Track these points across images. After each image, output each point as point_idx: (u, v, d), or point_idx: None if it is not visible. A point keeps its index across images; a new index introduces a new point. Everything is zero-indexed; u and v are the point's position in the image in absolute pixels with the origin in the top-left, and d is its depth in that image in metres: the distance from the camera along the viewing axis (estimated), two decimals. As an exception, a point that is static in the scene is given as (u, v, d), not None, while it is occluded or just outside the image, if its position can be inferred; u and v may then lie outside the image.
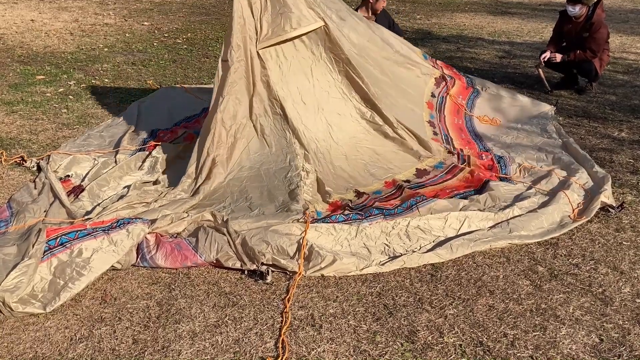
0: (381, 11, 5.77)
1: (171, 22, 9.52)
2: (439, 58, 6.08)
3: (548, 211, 3.34)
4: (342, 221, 3.17)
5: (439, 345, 2.41)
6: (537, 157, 4.12)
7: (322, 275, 2.86)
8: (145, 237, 2.98)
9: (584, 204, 3.49)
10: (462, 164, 3.97)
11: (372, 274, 2.88)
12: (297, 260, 2.88)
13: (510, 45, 8.11)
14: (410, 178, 3.84)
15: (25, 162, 4.06)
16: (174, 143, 4.25)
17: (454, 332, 2.49)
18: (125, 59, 7.15)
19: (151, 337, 2.47)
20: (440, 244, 3.07)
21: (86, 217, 3.21)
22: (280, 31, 3.79)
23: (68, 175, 3.81)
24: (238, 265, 2.90)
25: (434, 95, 4.77)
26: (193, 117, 4.79)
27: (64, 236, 2.88)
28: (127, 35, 8.46)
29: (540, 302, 2.69)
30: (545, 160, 4.06)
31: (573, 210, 3.40)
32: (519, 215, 3.31)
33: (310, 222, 3.09)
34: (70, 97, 5.62)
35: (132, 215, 3.18)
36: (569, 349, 2.40)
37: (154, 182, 3.72)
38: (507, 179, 3.77)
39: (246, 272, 2.88)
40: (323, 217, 3.27)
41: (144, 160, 3.96)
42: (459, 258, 3.01)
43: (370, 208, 3.33)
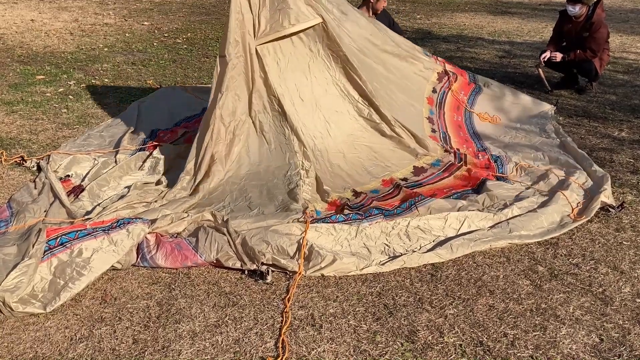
0: (381, 11, 5.78)
1: (171, 22, 9.52)
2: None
3: (548, 211, 3.34)
4: (342, 221, 3.16)
5: (439, 345, 2.41)
6: (534, 156, 4.11)
7: (322, 275, 2.86)
8: (146, 237, 2.98)
9: (584, 203, 3.49)
10: (459, 162, 3.97)
11: (372, 273, 2.88)
12: (297, 260, 2.88)
13: (510, 45, 8.11)
14: (408, 176, 3.84)
15: (25, 162, 4.06)
16: (174, 144, 4.25)
17: (454, 332, 2.49)
18: (125, 59, 7.15)
19: (151, 337, 2.47)
20: (441, 243, 3.07)
21: (86, 217, 3.21)
22: (279, 27, 3.78)
23: (68, 175, 3.82)
24: (238, 265, 2.90)
25: (435, 90, 4.76)
26: (193, 117, 4.80)
27: (64, 236, 2.88)
28: (127, 35, 8.46)
29: (540, 301, 2.69)
30: (542, 160, 4.05)
31: (572, 210, 3.40)
32: (519, 215, 3.31)
33: (310, 222, 3.09)
34: (70, 97, 5.62)
35: (132, 215, 3.18)
36: (569, 348, 2.40)
37: (156, 182, 3.72)
38: (504, 179, 3.77)
39: (246, 272, 2.88)
40: (323, 217, 3.26)
41: (144, 161, 3.96)
42: (459, 258, 3.01)
43: (370, 208, 3.33)
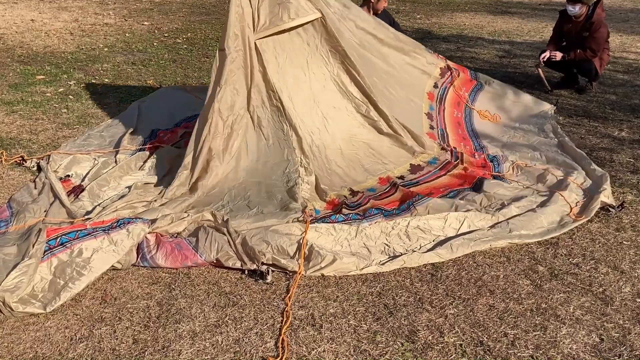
0: (382, 11, 5.77)
1: (171, 22, 9.52)
2: (439, 58, 6.07)
3: (547, 211, 3.34)
4: (342, 221, 3.16)
5: (440, 345, 2.41)
6: (531, 156, 4.11)
7: (323, 275, 2.86)
8: (146, 237, 2.98)
9: (583, 203, 3.49)
10: (455, 161, 3.97)
11: (372, 273, 2.88)
12: (297, 260, 2.88)
13: (510, 44, 8.10)
14: (405, 174, 3.84)
15: (26, 162, 4.06)
16: (175, 147, 4.24)
17: (454, 332, 2.49)
18: (125, 58, 7.15)
19: (151, 337, 2.47)
20: (441, 243, 3.07)
21: (86, 217, 3.21)
22: (278, 21, 3.77)
23: (68, 175, 3.81)
24: (238, 265, 2.90)
25: (436, 85, 4.75)
26: (194, 117, 4.77)
27: (64, 236, 2.88)
28: (127, 35, 8.46)
29: (540, 301, 2.69)
30: (539, 159, 4.05)
31: (571, 209, 3.40)
32: (519, 215, 3.31)
33: (309, 222, 3.09)
34: (70, 97, 5.62)
35: (132, 215, 3.18)
36: (570, 348, 2.40)
37: (156, 183, 3.71)
38: (500, 178, 3.77)
39: (246, 271, 2.88)
40: (322, 217, 3.26)
41: (145, 161, 3.95)
42: (459, 258, 3.01)
43: (369, 208, 3.33)
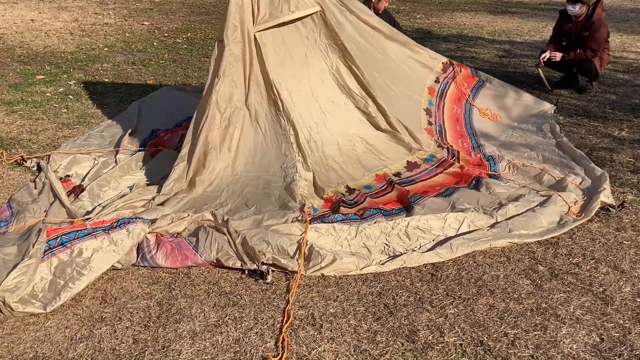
0: (383, 11, 5.77)
1: (171, 22, 9.52)
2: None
3: (546, 212, 3.33)
4: (341, 220, 3.17)
5: (440, 345, 2.41)
6: (528, 155, 4.12)
7: (323, 275, 2.86)
8: (146, 237, 2.98)
9: (583, 202, 3.48)
10: (452, 159, 3.97)
11: (372, 273, 2.88)
12: (297, 260, 2.88)
13: (510, 44, 8.10)
14: (401, 170, 3.84)
15: (26, 162, 4.06)
16: (175, 150, 4.23)
17: (454, 332, 2.49)
18: (125, 58, 7.15)
19: (151, 336, 2.47)
20: (440, 243, 3.07)
21: (86, 217, 3.21)
22: (278, 14, 3.76)
23: (68, 175, 3.81)
24: (238, 264, 2.90)
25: (438, 80, 4.75)
26: (194, 118, 4.79)
27: (64, 236, 2.88)
28: (127, 35, 8.46)
29: (540, 301, 2.69)
30: (536, 159, 4.05)
31: (569, 208, 3.40)
32: (518, 215, 3.31)
33: (309, 222, 3.09)
34: (70, 97, 5.62)
35: (132, 215, 3.18)
36: (570, 348, 2.40)
37: (157, 183, 3.71)
38: (496, 177, 3.77)
39: (246, 271, 2.88)
40: (320, 215, 3.27)
41: (145, 163, 3.95)
42: (459, 257, 3.01)
43: (368, 209, 3.33)
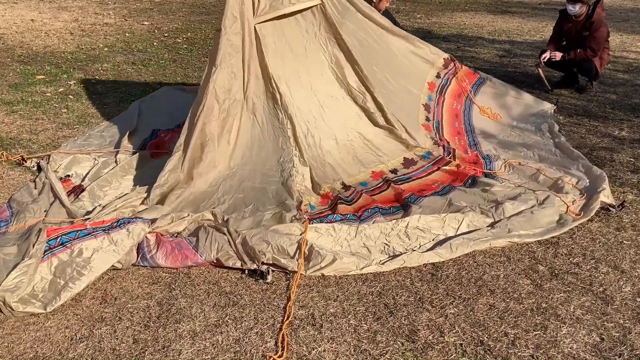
0: (384, 11, 5.78)
1: (171, 22, 9.52)
2: (439, 57, 6.07)
3: (545, 211, 3.34)
4: (339, 220, 3.17)
5: (440, 345, 2.41)
6: (524, 154, 4.12)
7: (323, 275, 2.86)
8: (146, 237, 2.98)
9: (580, 201, 3.48)
10: (448, 156, 3.97)
11: (372, 273, 2.88)
12: (297, 260, 2.88)
13: (510, 44, 8.10)
14: (398, 167, 3.84)
15: (26, 162, 4.06)
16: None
17: (454, 332, 2.49)
18: (125, 58, 7.15)
19: (152, 336, 2.47)
20: (440, 243, 3.07)
21: (86, 217, 3.21)
22: (279, 5, 3.75)
23: (68, 175, 3.81)
24: (238, 264, 2.90)
25: (439, 75, 4.75)
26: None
27: (64, 236, 2.88)
28: (127, 35, 8.46)
29: (540, 301, 2.69)
30: (532, 158, 4.06)
31: (568, 208, 3.40)
32: (517, 215, 3.31)
33: (308, 222, 3.09)
34: (70, 96, 5.62)
35: (132, 214, 3.18)
36: (570, 348, 2.40)
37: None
38: (492, 175, 3.78)
39: (246, 271, 2.88)
40: (318, 213, 3.28)
41: (146, 163, 3.95)
42: (459, 257, 3.01)
43: (366, 210, 3.33)
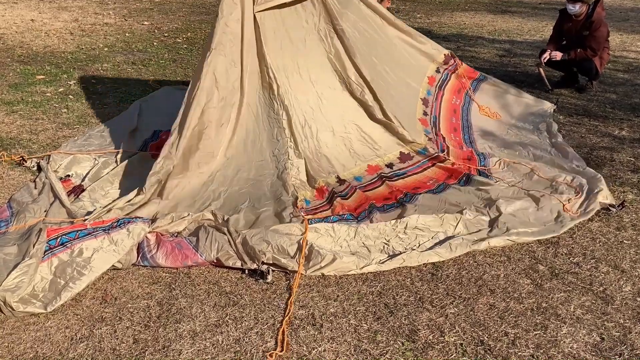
0: None
1: (171, 22, 9.52)
2: (439, 57, 6.06)
3: (542, 210, 3.35)
4: (337, 221, 3.17)
5: (440, 345, 2.41)
6: (519, 153, 4.13)
7: (323, 275, 2.86)
8: (146, 237, 2.98)
9: (576, 199, 3.48)
10: (442, 152, 3.97)
11: (372, 273, 2.88)
12: (297, 260, 2.88)
13: (510, 44, 8.10)
14: (394, 161, 3.85)
15: (26, 162, 4.05)
16: None
17: (454, 331, 2.49)
18: (125, 58, 7.15)
19: (152, 336, 2.47)
20: (440, 243, 3.07)
21: (86, 218, 3.21)
22: None
23: (68, 175, 3.81)
24: (238, 264, 2.90)
25: (439, 70, 4.75)
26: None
27: (64, 236, 2.88)
28: (127, 34, 8.46)
29: (541, 301, 2.69)
30: (527, 157, 4.06)
31: (564, 206, 3.40)
32: (514, 214, 3.31)
33: (308, 223, 3.09)
34: (70, 96, 5.62)
35: (132, 210, 3.18)
36: (570, 347, 2.40)
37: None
38: (486, 173, 3.78)
39: (247, 271, 2.88)
40: (313, 207, 3.31)
41: (146, 164, 3.94)
42: (459, 257, 3.01)
43: (362, 211, 3.33)
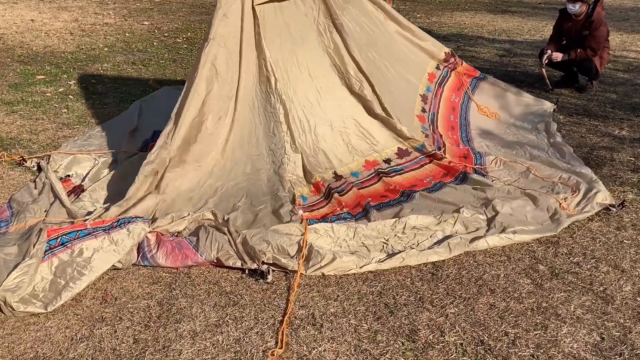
0: None
1: (171, 22, 9.52)
2: (439, 57, 6.06)
3: (539, 209, 3.36)
4: (335, 221, 3.18)
5: (440, 344, 2.41)
6: (516, 153, 4.14)
7: (323, 275, 2.86)
8: (146, 236, 2.98)
9: (572, 198, 3.49)
10: (439, 149, 3.98)
11: (372, 272, 2.88)
12: (297, 260, 2.88)
13: (510, 43, 8.10)
14: (392, 157, 3.86)
15: (26, 162, 4.06)
16: None
17: (455, 331, 2.49)
18: (125, 58, 7.15)
19: (152, 336, 2.47)
20: (439, 242, 3.07)
21: (86, 218, 3.21)
22: None
23: (68, 175, 3.81)
24: (239, 264, 2.90)
25: (439, 67, 4.75)
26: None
27: (64, 236, 2.88)
28: (127, 34, 8.46)
29: (541, 300, 2.69)
30: (523, 156, 4.07)
31: (560, 205, 3.40)
32: (511, 212, 3.31)
33: (306, 222, 3.09)
34: (70, 97, 5.62)
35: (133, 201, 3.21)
36: (570, 347, 2.40)
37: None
38: (482, 172, 3.78)
39: (247, 271, 2.88)
40: (310, 204, 3.32)
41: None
42: (459, 257, 3.01)
43: (360, 210, 3.34)
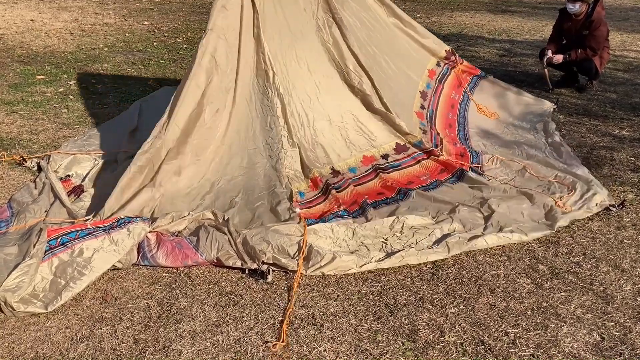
0: None
1: (171, 22, 9.53)
2: (439, 56, 6.06)
3: (535, 207, 3.37)
4: (332, 220, 3.18)
5: (440, 344, 2.41)
6: (512, 152, 4.14)
7: (323, 275, 2.86)
8: (146, 236, 2.98)
9: (568, 197, 3.49)
10: (435, 147, 3.98)
11: (372, 272, 2.89)
12: (297, 260, 2.88)
13: (510, 43, 8.10)
14: (389, 152, 3.86)
15: (26, 162, 4.06)
16: None
17: (455, 331, 2.49)
18: (125, 58, 7.15)
19: (152, 336, 2.47)
20: (437, 242, 3.08)
21: (86, 218, 3.21)
22: None
23: (68, 175, 3.81)
24: (239, 264, 2.90)
25: (439, 64, 4.76)
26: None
27: (64, 236, 2.88)
28: (127, 34, 8.46)
29: (541, 300, 2.69)
30: (520, 156, 4.08)
31: (556, 203, 3.41)
32: (508, 211, 3.32)
33: (305, 222, 3.10)
34: (70, 97, 5.62)
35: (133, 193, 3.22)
36: (571, 347, 2.40)
37: None
38: (478, 171, 3.79)
39: (247, 271, 2.88)
40: (307, 200, 3.33)
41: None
42: (459, 257, 3.01)
43: (357, 208, 3.34)
